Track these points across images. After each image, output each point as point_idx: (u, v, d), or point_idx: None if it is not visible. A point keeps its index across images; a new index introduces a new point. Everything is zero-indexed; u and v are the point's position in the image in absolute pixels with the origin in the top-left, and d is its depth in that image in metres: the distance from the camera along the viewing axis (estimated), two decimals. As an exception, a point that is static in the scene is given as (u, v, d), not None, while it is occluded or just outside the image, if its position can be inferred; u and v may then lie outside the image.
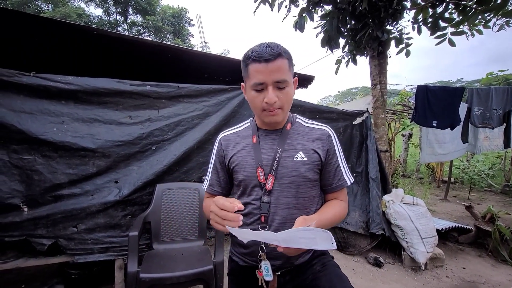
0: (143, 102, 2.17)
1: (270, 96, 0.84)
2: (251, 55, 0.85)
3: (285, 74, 0.85)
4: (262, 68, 0.83)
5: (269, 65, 0.83)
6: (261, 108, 0.88)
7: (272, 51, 0.83)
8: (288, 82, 0.87)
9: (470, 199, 5.54)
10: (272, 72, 0.83)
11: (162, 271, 1.64)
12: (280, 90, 0.86)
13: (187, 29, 22.49)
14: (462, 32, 3.04)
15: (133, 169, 2.11)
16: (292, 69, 0.91)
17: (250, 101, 0.92)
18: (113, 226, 2.04)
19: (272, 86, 0.85)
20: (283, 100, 0.87)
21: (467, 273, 2.64)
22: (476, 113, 3.51)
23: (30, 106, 1.86)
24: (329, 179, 0.99)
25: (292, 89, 0.91)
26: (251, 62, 0.85)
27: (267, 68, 0.83)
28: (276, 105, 0.87)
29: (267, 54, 0.82)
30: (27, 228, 1.84)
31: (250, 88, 0.89)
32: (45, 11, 16.75)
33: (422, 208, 2.82)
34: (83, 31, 1.99)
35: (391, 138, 6.96)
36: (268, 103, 0.85)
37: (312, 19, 3.16)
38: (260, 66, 0.83)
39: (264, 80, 0.84)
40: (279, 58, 0.84)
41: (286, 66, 0.86)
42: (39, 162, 1.87)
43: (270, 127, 1.00)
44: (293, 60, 0.92)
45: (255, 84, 0.86)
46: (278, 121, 0.93)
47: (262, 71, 0.84)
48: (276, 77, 0.84)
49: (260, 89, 0.87)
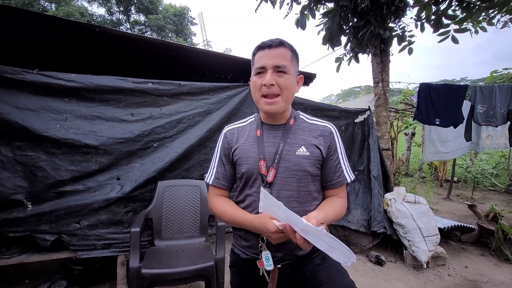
0: (145, 99, 2.18)
1: (268, 78, 0.88)
2: (258, 45, 0.94)
3: (286, 61, 0.90)
4: (264, 54, 0.90)
5: (271, 51, 0.89)
6: (260, 92, 0.91)
7: (276, 40, 0.91)
8: (288, 69, 0.90)
9: (473, 198, 5.50)
10: (272, 57, 0.89)
11: (164, 267, 1.66)
12: (280, 75, 0.89)
13: (189, 28, 22.51)
14: (465, 29, 3.01)
15: (135, 166, 2.13)
16: (295, 63, 0.94)
17: (252, 87, 0.96)
18: (115, 222, 2.06)
19: (272, 70, 0.89)
20: (281, 85, 0.89)
21: (469, 272, 2.62)
22: (480, 111, 3.48)
23: (33, 103, 1.88)
24: (329, 175, 0.99)
25: (292, 79, 0.93)
26: (257, 51, 0.93)
27: (268, 54, 0.90)
28: (274, 89, 0.89)
29: (270, 42, 0.91)
30: (31, 224, 1.86)
31: (253, 75, 0.94)
32: (48, 10, 16.85)
33: (424, 207, 2.81)
34: (85, 28, 2.01)
35: (394, 137, 6.92)
36: (266, 84, 0.88)
37: (314, 17, 3.15)
38: (263, 52, 0.91)
39: (264, 63, 0.89)
40: (281, 47, 0.90)
41: (288, 55, 0.91)
42: (42, 158, 1.89)
43: (273, 121, 1.01)
44: (298, 57, 0.97)
45: (256, 68, 0.92)
46: (276, 111, 0.93)
47: (264, 56, 0.90)
48: (276, 61, 0.88)
49: (261, 73, 0.91)
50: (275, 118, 0.99)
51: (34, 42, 2.04)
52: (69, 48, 2.27)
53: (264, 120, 1.02)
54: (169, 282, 1.63)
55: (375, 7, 2.88)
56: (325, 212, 0.92)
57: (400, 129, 7.31)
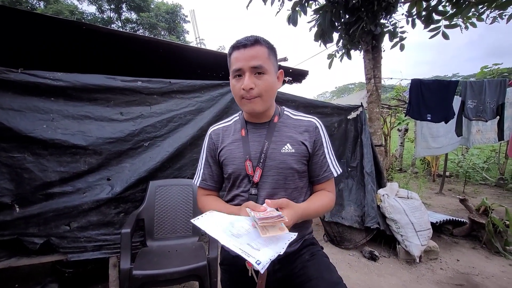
0: (135, 98, 2.14)
1: (246, 82, 0.86)
2: (232, 44, 0.90)
3: (263, 61, 0.87)
4: (240, 54, 0.87)
5: (246, 50, 0.86)
6: (240, 95, 0.89)
7: (250, 38, 0.87)
8: (266, 69, 0.87)
9: (465, 193, 5.59)
10: (249, 58, 0.86)
11: (155, 267, 1.63)
12: (258, 76, 0.87)
13: (182, 26, 22.31)
14: (456, 25, 3.04)
15: (125, 166, 2.09)
16: (273, 59, 0.92)
17: (232, 90, 0.93)
18: (106, 223, 2.03)
19: (249, 72, 0.87)
20: (261, 87, 0.87)
21: (461, 265, 2.66)
22: (470, 106, 3.52)
23: (18, 103, 1.82)
24: (315, 170, 1.00)
25: (272, 77, 0.91)
26: (232, 50, 0.90)
27: (244, 54, 0.86)
28: (254, 93, 0.87)
29: (244, 41, 0.87)
30: (18, 227, 1.82)
31: (231, 77, 0.92)
32: (37, 8, 16.48)
33: (417, 202, 2.84)
34: (72, 26, 1.95)
35: (387, 133, 6.98)
36: (244, 88, 0.86)
37: (306, 13, 3.14)
38: (238, 53, 0.87)
39: (241, 66, 0.86)
40: (257, 45, 0.87)
41: (264, 54, 0.88)
42: (29, 160, 1.84)
43: (257, 120, 1.00)
44: (276, 52, 0.94)
45: (234, 71, 0.89)
46: (258, 111, 0.92)
47: (240, 57, 0.87)
48: (253, 63, 0.86)
49: (239, 75, 0.89)
50: (259, 117, 0.98)
51: (18, 40, 1.98)
52: (57, 47, 2.21)
53: (248, 119, 1.01)
54: (161, 283, 1.61)
55: (366, 3, 2.88)
56: (308, 203, 0.95)
57: (393, 125, 7.38)
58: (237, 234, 0.72)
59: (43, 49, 2.25)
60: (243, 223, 0.78)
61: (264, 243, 0.70)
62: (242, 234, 0.73)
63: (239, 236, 0.72)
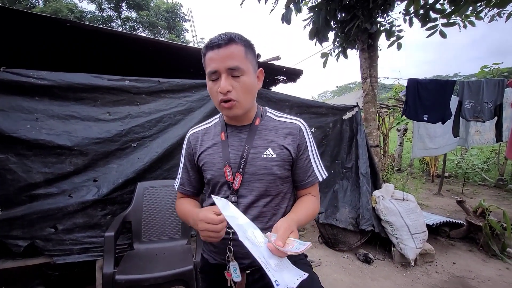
0: (122, 97, 2.09)
1: (223, 85, 0.79)
2: (206, 44, 0.83)
3: (240, 61, 0.80)
4: (214, 55, 0.80)
5: (220, 50, 0.79)
6: (218, 99, 0.83)
7: (224, 36, 0.80)
8: (243, 69, 0.81)
9: (464, 194, 5.53)
10: (224, 58, 0.79)
11: (140, 272, 1.59)
12: (235, 78, 0.81)
13: (182, 24, 22.26)
14: (453, 24, 2.98)
15: (112, 167, 2.05)
16: (251, 57, 0.85)
17: (209, 94, 0.87)
18: (93, 226, 1.99)
19: (226, 74, 0.80)
20: (239, 89, 0.82)
21: (457, 268, 2.61)
22: (467, 106, 3.46)
23: (1, 103, 1.78)
24: (300, 175, 0.95)
25: (250, 78, 0.84)
26: (206, 50, 0.82)
27: (218, 55, 0.79)
28: (232, 96, 0.81)
29: (218, 40, 0.79)
30: (2, 229, 1.78)
31: (207, 79, 0.85)
32: (36, 6, 16.44)
33: (412, 204, 2.79)
34: (55, 23, 1.90)
35: (386, 133, 6.93)
36: (221, 92, 0.80)
37: (300, 11, 3.08)
38: (212, 53, 0.80)
39: (216, 67, 0.80)
40: (232, 44, 0.80)
41: (241, 53, 0.81)
42: (12, 161, 1.80)
43: (237, 123, 0.95)
44: (254, 49, 0.88)
45: (209, 73, 0.82)
46: (238, 115, 0.87)
47: (215, 58, 0.80)
48: (229, 64, 0.79)
49: (215, 79, 0.82)
50: (239, 119, 0.93)
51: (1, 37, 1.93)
52: (41, 45, 2.16)
53: (228, 121, 0.96)
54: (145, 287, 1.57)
55: (361, 1, 2.83)
56: (296, 213, 0.88)
57: (391, 125, 7.32)
58: (255, 242, 0.69)
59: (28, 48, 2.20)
60: (257, 232, 0.75)
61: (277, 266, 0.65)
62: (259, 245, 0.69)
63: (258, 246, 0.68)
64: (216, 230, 0.74)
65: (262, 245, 0.69)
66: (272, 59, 2.83)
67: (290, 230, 0.73)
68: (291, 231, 0.73)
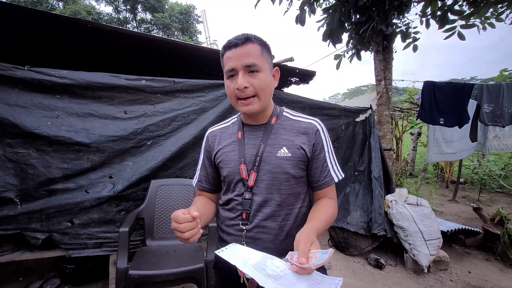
0: (138, 97, 2.14)
1: (240, 81, 0.82)
2: (223, 45, 0.87)
3: (256, 59, 0.83)
4: (232, 54, 0.83)
5: (238, 49, 0.83)
6: (235, 96, 0.86)
7: (241, 36, 0.84)
8: (260, 67, 0.84)
9: (480, 201, 5.35)
10: (241, 56, 0.82)
11: (152, 268, 1.62)
12: (252, 75, 0.84)
13: (195, 26, 22.57)
14: (472, 25, 2.89)
15: (127, 165, 2.10)
16: (266, 56, 0.88)
17: (227, 92, 0.90)
18: (107, 221, 2.04)
19: (243, 71, 0.83)
20: (256, 85, 0.84)
21: (473, 277, 2.53)
22: (486, 110, 3.35)
23: (24, 100, 1.85)
24: (315, 175, 0.94)
25: (267, 75, 0.87)
26: (224, 51, 0.86)
27: (235, 53, 0.83)
28: (249, 92, 0.84)
29: (235, 40, 0.83)
30: (22, 221, 1.85)
31: (225, 78, 0.88)
32: (56, 8, 17.04)
33: (426, 209, 2.72)
34: (77, 24, 1.97)
35: (399, 136, 6.79)
36: (238, 88, 0.83)
37: (314, 12, 3.06)
38: (230, 52, 0.84)
39: (234, 65, 0.83)
40: (248, 43, 0.83)
41: (257, 51, 0.84)
42: (33, 156, 1.87)
43: (254, 122, 0.96)
44: (269, 49, 0.91)
45: (227, 71, 0.85)
46: (254, 111, 0.88)
47: (232, 57, 0.83)
48: (246, 61, 0.82)
49: (232, 76, 0.85)
50: (255, 118, 0.94)
51: (26, 38, 2.02)
52: (63, 45, 2.24)
53: (245, 120, 0.98)
54: (157, 283, 1.59)
55: (377, 2, 2.79)
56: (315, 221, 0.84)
57: (405, 128, 7.17)
58: (274, 275, 0.64)
59: (50, 47, 2.29)
60: (276, 261, 0.71)
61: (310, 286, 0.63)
62: (280, 275, 0.65)
63: (277, 278, 0.64)
64: (178, 229, 0.71)
65: (287, 272, 0.66)
66: (285, 60, 2.83)
67: (310, 242, 0.71)
68: (311, 243, 0.71)
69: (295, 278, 0.64)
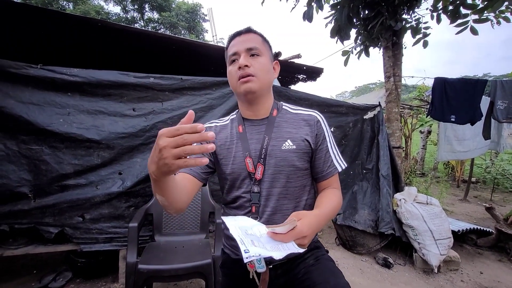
0: (147, 94, 2.17)
1: (241, 60, 0.87)
2: (229, 36, 0.95)
3: (257, 44, 0.90)
4: (235, 41, 0.91)
5: (241, 37, 0.91)
6: (236, 77, 0.88)
7: (244, 28, 0.94)
8: (260, 51, 0.90)
9: (492, 200, 5.22)
10: (243, 42, 0.90)
11: (161, 263, 1.64)
12: (253, 58, 0.89)
13: (202, 25, 22.66)
14: (486, 20, 2.81)
15: (136, 161, 2.13)
16: (267, 47, 0.95)
17: (228, 78, 0.94)
18: (117, 217, 2.07)
19: (245, 53, 0.88)
20: (256, 67, 0.88)
21: (484, 278, 2.47)
22: (500, 107, 3.25)
23: (37, 98, 1.90)
24: (319, 166, 0.94)
25: (267, 61, 0.92)
26: (228, 42, 0.94)
27: (239, 40, 0.91)
28: (249, 70, 0.87)
29: (239, 30, 0.93)
30: (35, 216, 1.90)
31: (228, 65, 0.93)
32: (66, 9, 17.36)
33: (437, 208, 2.67)
34: (88, 23, 2.01)
35: (408, 135, 6.68)
36: (240, 66, 0.86)
37: (322, 8, 3.03)
38: (234, 40, 0.92)
39: (236, 49, 0.89)
40: (251, 33, 0.92)
41: (258, 39, 0.92)
42: (46, 152, 1.92)
43: (254, 115, 0.95)
44: (270, 45, 0.98)
45: (230, 55, 0.91)
46: (254, 90, 0.88)
47: (236, 43, 0.91)
48: (247, 45, 0.89)
49: (234, 60, 0.90)
50: (256, 110, 0.95)
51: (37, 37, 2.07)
52: (72, 43, 2.29)
53: (246, 115, 0.97)
54: (165, 278, 1.62)
55: (387, -2, 2.74)
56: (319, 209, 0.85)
57: (414, 126, 7.04)
58: (249, 234, 0.70)
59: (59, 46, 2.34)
60: (262, 228, 0.75)
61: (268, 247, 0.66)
62: (256, 236, 0.70)
63: (250, 236, 0.69)
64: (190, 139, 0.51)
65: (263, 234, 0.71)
66: (293, 57, 2.81)
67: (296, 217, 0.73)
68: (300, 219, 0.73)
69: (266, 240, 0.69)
